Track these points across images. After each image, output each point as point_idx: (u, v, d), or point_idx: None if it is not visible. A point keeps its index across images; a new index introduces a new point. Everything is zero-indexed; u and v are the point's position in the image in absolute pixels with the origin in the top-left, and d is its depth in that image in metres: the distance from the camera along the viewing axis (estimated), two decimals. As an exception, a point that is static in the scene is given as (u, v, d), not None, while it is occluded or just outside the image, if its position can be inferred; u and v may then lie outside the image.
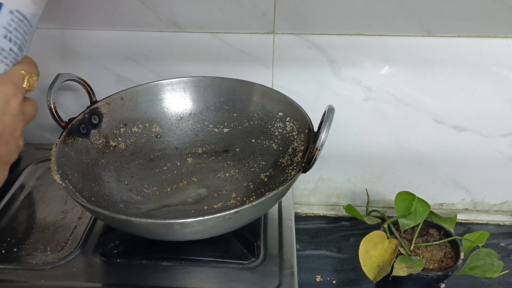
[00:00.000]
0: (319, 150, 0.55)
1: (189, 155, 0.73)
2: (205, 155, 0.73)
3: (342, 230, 0.86)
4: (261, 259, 0.61)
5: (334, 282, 0.74)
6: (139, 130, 0.72)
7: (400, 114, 0.77)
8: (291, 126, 0.67)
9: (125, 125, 0.70)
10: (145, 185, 0.69)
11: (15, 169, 0.78)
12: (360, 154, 0.82)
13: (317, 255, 0.80)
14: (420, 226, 0.69)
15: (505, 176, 0.83)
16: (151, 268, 0.60)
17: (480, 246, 0.67)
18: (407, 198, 0.68)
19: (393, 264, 0.63)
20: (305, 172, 0.57)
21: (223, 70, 0.74)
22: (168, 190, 0.69)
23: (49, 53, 0.76)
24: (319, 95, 0.76)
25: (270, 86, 0.75)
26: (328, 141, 0.55)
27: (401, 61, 0.72)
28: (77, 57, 0.76)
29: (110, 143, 0.69)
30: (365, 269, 0.65)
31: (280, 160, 0.67)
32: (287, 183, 0.55)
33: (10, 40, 0.42)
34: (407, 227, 0.67)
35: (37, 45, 0.75)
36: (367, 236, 0.66)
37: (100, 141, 0.67)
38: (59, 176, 0.56)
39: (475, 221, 0.89)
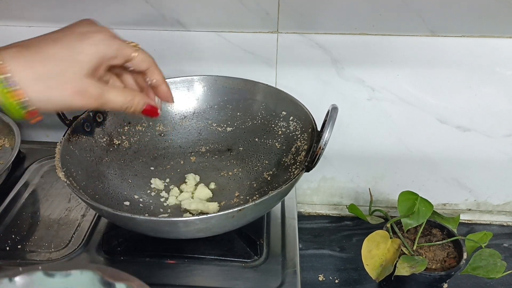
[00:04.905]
0: (322, 149, 0.55)
1: (192, 153, 0.73)
2: (208, 153, 0.73)
3: (345, 229, 0.86)
4: (264, 258, 0.61)
5: (336, 281, 0.75)
6: (143, 129, 0.72)
7: (403, 114, 0.77)
8: (294, 125, 0.67)
9: (129, 123, 0.71)
10: (149, 183, 0.69)
11: (19, 167, 0.78)
12: (363, 154, 0.82)
13: (319, 254, 0.80)
14: (423, 226, 0.68)
15: (508, 177, 0.83)
16: (155, 265, 0.60)
17: (483, 246, 0.67)
18: (410, 197, 0.68)
19: (395, 263, 0.63)
20: (308, 171, 0.57)
21: (226, 69, 0.75)
22: (171, 188, 0.69)
23: (54, 51, 0.76)
24: (323, 94, 0.76)
25: (274, 85, 0.75)
26: (331, 140, 0.55)
27: (405, 61, 0.72)
28: (82, 55, 0.76)
29: (114, 141, 0.69)
30: (367, 268, 0.65)
31: (283, 159, 0.67)
32: (290, 182, 0.55)
33: None
34: (410, 227, 0.67)
35: (42, 44, 0.75)
36: (370, 235, 0.66)
37: (104, 139, 0.68)
38: (63, 173, 0.57)
39: (478, 222, 0.88)
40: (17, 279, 0.44)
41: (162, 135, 0.73)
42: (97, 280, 0.45)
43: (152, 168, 0.71)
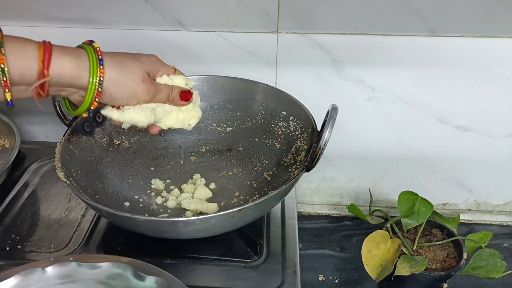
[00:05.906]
0: (322, 149, 0.55)
1: (192, 153, 0.73)
2: (208, 153, 0.73)
3: (345, 229, 0.86)
4: (263, 258, 0.62)
5: (336, 281, 0.75)
6: (143, 129, 0.72)
7: (403, 114, 0.77)
8: (294, 125, 0.67)
9: (129, 123, 0.71)
10: (149, 183, 0.69)
11: (19, 167, 0.78)
12: (363, 154, 0.82)
13: (319, 254, 0.80)
14: (423, 226, 0.68)
15: (508, 177, 0.83)
16: (154, 266, 0.60)
17: (483, 246, 0.67)
18: (410, 197, 0.68)
19: (395, 263, 0.63)
20: (308, 171, 0.58)
21: (226, 69, 0.75)
22: (172, 188, 0.69)
23: (54, 51, 0.76)
24: (323, 94, 0.76)
25: (274, 85, 0.75)
26: (331, 140, 0.55)
27: (405, 61, 0.72)
28: (82, 55, 0.76)
29: (114, 141, 0.69)
30: (367, 268, 0.65)
31: (283, 159, 0.67)
32: (290, 182, 0.55)
33: None
34: (410, 227, 0.67)
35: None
36: (370, 235, 0.66)
37: (104, 139, 0.68)
38: (63, 173, 0.57)
39: (478, 222, 0.88)
40: (49, 269, 0.45)
41: (162, 135, 0.73)
42: (130, 273, 0.46)
43: (152, 168, 0.71)
